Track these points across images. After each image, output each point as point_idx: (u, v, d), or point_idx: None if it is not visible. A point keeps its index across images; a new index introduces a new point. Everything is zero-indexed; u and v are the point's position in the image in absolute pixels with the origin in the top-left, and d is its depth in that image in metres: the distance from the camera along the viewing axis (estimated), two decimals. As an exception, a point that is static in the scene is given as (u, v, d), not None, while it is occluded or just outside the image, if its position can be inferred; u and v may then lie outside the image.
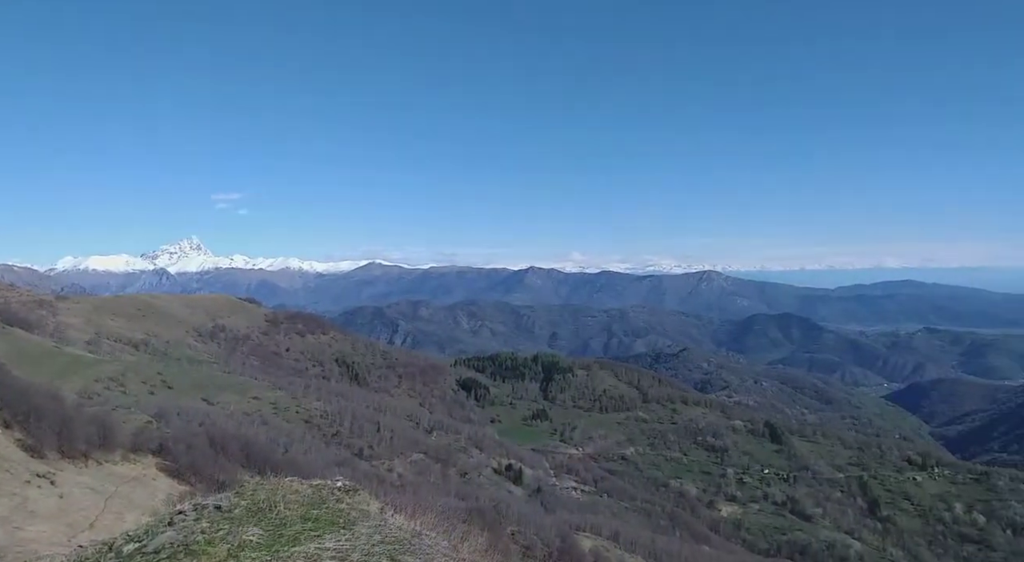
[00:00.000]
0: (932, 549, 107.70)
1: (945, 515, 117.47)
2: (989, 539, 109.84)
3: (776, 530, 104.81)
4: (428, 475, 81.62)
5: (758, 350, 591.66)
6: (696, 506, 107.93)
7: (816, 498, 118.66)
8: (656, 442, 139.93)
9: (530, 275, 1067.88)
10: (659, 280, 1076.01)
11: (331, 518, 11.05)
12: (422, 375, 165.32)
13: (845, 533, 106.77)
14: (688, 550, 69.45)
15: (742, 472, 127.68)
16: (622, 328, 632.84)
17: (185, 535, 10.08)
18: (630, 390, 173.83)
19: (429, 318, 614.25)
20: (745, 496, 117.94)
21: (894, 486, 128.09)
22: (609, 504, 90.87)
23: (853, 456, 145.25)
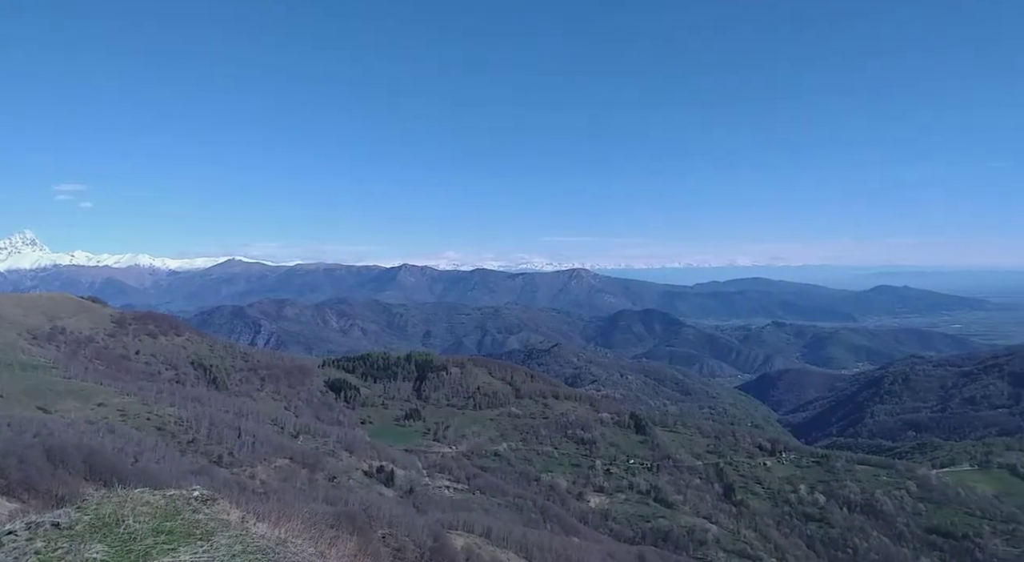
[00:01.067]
0: (780, 529, 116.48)
1: (791, 496, 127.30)
2: (829, 517, 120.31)
3: (641, 518, 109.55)
4: (294, 481, 78.76)
5: (624, 345, 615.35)
6: (566, 498, 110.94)
7: (677, 485, 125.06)
8: (528, 437, 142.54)
9: (403, 273, 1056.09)
10: (532, 278, 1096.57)
11: (187, 530, 10.29)
12: (287, 377, 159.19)
13: (703, 518, 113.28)
14: (558, 542, 71.19)
15: (609, 463, 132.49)
16: (496, 325, 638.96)
17: (16, 558, 9.11)
18: (504, 386, 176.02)
19: (295, 318, 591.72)
20: (612, 486, 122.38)
21: (747, 471, 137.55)
22: (482, 501, 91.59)
23: (710, 444, 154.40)
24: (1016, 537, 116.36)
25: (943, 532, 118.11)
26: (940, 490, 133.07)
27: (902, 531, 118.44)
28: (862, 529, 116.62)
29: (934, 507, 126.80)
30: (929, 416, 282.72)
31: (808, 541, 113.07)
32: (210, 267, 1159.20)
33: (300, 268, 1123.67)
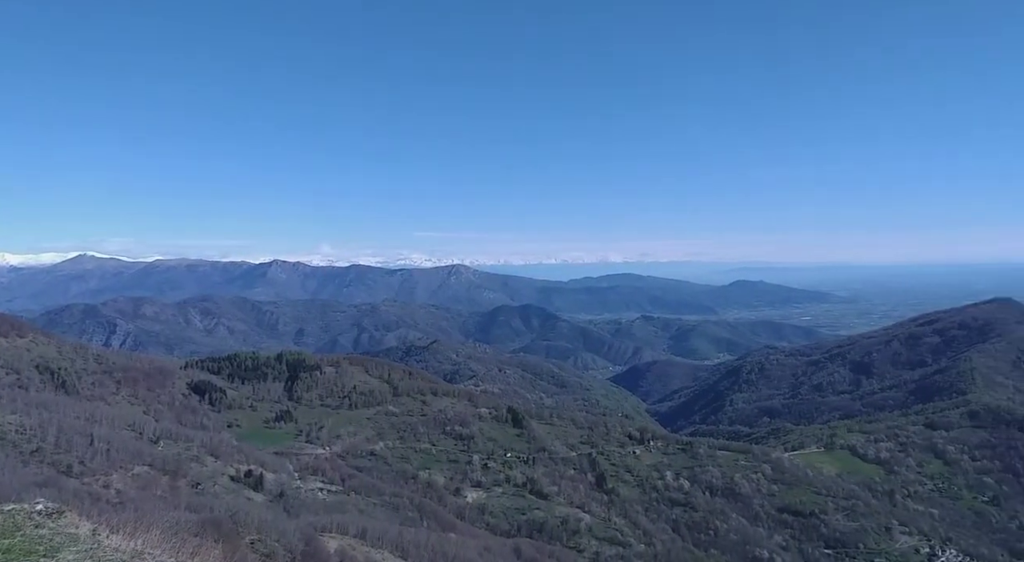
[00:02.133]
0: (648, 515, 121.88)
1: (658, 483, 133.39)
2: (693, 501, 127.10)
3: (517, 511, 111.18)
4: (153, 489, 73.75)
5: (503, 339, 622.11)
6: (443, 495, 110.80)
7: (552, 477, 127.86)
8: (406, 435, 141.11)
9: (273, 269, 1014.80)
10: (410, 274, 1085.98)
11: (28, 547, 9.27)
12: (146, 380, 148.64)
13: (577, 507, 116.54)
14: (435, 539, 70.99)
15: (487, 458, 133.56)
16: (373, 322, 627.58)
17: None
18: (381, 384, 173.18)
19: (154, 317, 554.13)
20: (489, 481, 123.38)
21: (618, 460, 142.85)
22: (357, 502, 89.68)
23: (584, 435, 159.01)
24: (855, 512, 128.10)
25: (793, 511, 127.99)
26: (791, 472, 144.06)
27: (758, 512, 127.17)
28: (722, 511, 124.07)
29: (786, 488, 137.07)
30: (782, 403, 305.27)
31: (674, 525, 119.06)
32: (58, 263, 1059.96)
33: (160, 264, 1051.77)
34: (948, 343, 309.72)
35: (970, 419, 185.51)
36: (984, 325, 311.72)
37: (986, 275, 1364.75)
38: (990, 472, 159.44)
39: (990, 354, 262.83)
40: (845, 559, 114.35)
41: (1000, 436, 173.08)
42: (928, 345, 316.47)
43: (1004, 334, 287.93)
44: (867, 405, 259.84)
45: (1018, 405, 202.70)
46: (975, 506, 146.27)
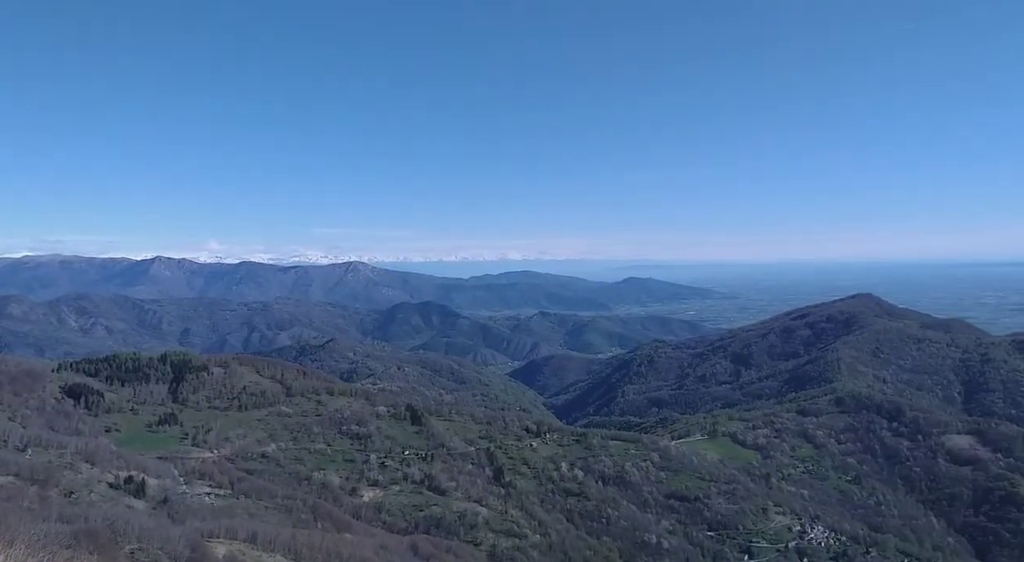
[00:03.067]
0: (544, 506, 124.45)
1: (554, 474, 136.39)
2: (586, 491, 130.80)
3: (415, 507, 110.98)
4: (20, 500, 68.70)
5: (402, 337, 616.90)
6: (339, 495, 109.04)
7: (451, 472, 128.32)
8: (300, 436, 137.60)
9: (156, 265, 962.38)
10: (305, 271, 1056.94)
11: None
12: (13, 383, 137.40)
13: (475, 502, 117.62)
14: (330, 540, 70.04)
15: (384, 456, 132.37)
16: (265, 321, 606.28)
17: None
18: (273, 385, 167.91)
19: (23, 316, 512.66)
20: (387, 479, 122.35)
21: (515, 453, 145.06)
22: (247, 505, 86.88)
23: (482, 430, 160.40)
24: (735, 495, 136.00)
25: (680, 496, 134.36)
26: (678, 459, 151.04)
27: (647, 498, 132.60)
28: (614, 499, 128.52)
29: (672, 474, 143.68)
30: (669, 393, 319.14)
31: (568, 515, 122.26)
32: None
33: (29, 260, 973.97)
34: (818, 335, 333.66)
35: (836, 405, 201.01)
36: (848, 318, 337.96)
37: (850, 272, 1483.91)
38: (853, 454, 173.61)
39: (853, 345, 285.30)
40: (726, 540, 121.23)
41: (861, 420, 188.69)
42: (800, 337, 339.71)
43: (865, 326, 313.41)
44: (746, 394, 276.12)
45: (876, 391, 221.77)
46: (840, 485, 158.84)
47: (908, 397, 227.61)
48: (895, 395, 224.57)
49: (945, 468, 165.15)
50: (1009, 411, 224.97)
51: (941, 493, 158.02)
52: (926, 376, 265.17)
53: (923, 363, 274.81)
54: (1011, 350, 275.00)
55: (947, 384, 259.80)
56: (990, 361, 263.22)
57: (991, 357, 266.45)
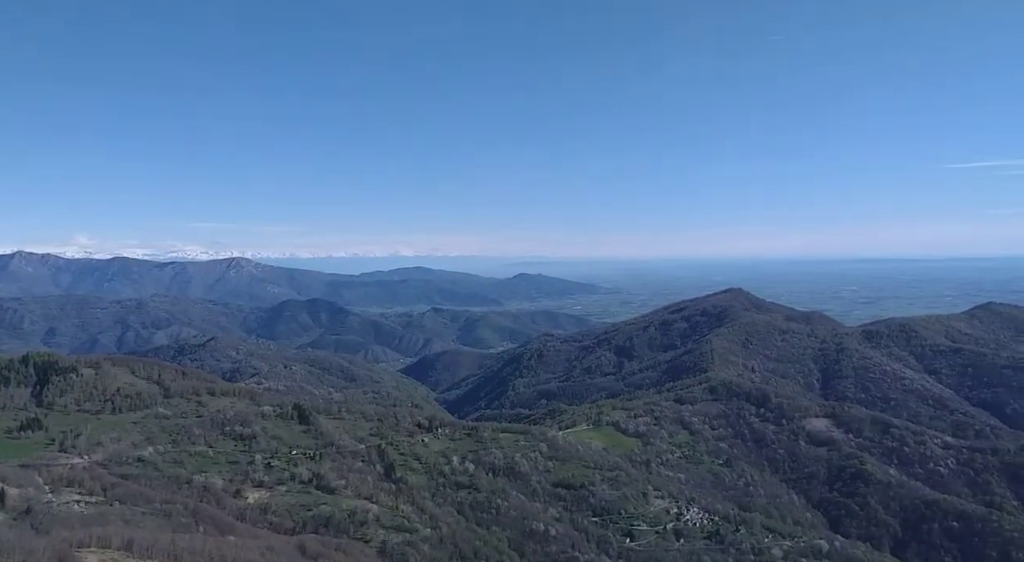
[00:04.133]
0: (435, 500, 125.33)
1: (445, 468, 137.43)
2: (477, 483, 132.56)
3: (303, 507, 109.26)
4: None
5: (289, 335, 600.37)
6: (222, 497, 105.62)
7: (340, 471, 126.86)
8: (179, 438, 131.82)
9: (17, 261, 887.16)
10: (184, 267, 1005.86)
11: None
12: None
13: (365, 499, 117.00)
14: (212, 544, 68.39)
15: (270, 457, 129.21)
16: (140, 320, 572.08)
17: None
18: (149, 386, 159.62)
19: None
20: (273, 480, 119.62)
21: (407, 449, 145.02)
22: (122, 512, 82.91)
23: (373, 427, 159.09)
24: (618, 481, 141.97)
25: (566, 484, 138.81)
26: (565, 449, 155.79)
27: (536, 488, 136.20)
28: (504, 490, 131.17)
29: (560, 464, 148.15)
30: (557, 385, 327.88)
31: (459, 507, 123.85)
32: None
33: None
34: (693, 328, 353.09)
35: (710, 394, 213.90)
36: (721, 312, 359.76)
37: (723, 268, 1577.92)
38: (725, 438, 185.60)
39: (725, 337, 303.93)
40: (609, 525, 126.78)
41: (732, 407, 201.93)
42: (678, 330, 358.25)
43: (736, 319, 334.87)
44: (629, 384, 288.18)
45: (746, 380, 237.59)
46: (713, 468, 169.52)
47: (773, 384, 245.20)
48: (762, 383, 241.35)
49: (805, 449, 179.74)
50: (860, 395, 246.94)
51: (801, 472, 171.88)
52: (789, 365, 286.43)
53: (787, 352, 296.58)
54: (862, 340, 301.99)
55: (807, 372, 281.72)
56: (844, 350, 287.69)
57: (845, 346, 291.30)
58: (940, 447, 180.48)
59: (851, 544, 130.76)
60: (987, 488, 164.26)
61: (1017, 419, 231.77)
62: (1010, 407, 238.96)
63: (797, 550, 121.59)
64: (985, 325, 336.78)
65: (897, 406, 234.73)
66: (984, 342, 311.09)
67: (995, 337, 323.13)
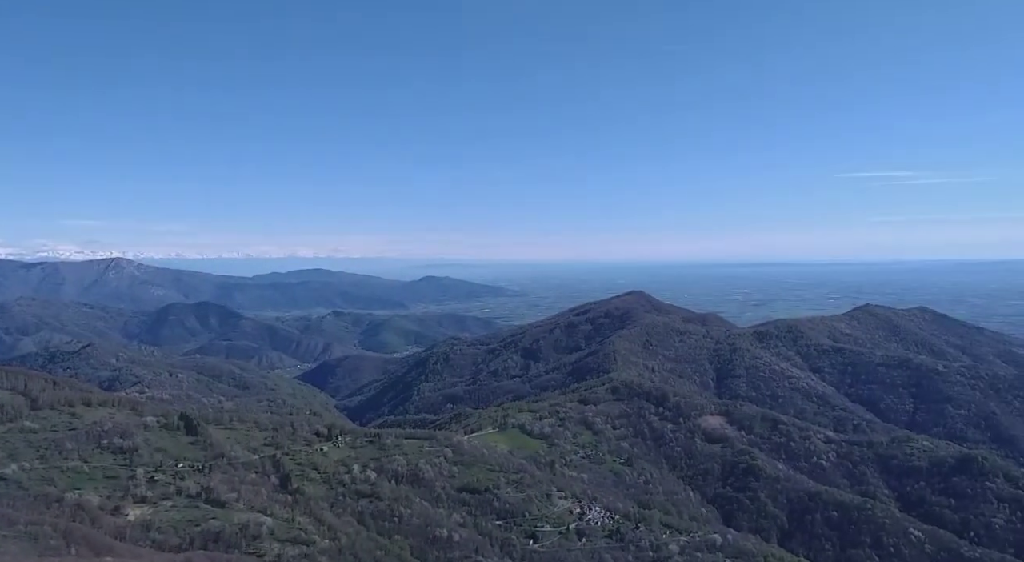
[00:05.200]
0: (334, 510, 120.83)
1: (345, 477, 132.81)
2: (379, 491, 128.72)
3: (190, 523, 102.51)
4: None
5: (175, 341, 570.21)
6: (98, 516, 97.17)
7: (231, 483, 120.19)
8: (49, 454, 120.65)
9: None
10: (55, 268, 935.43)
11: None
12: None
13: (259, 512, 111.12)
14: (86, 567, 62.53)
15: (154, 470, 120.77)
16: (3, 325, 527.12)
17: None
18: (14, 397, 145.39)
19: None
20: (157, 495, 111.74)
21: (304, 459, 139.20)
22: (-21, 537, 74.75)
23: (268, 437, 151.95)
24: (523, 484, 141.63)
25: (471, 489, 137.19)
26: (470, 453, 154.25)
27: (440, 494, 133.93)
28: (407, 497, 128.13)
29: (465, 468, 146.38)
30: (464, 389, 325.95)
31: (360, 517, 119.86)
32: None
33: None
34: (597, 330, 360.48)
35: (612, 394, 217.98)
36: (624, 314, 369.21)
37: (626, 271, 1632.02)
38: (626, 437, 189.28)
39: (627, 338, 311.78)
40: (513, 527, 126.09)
41: (633, 406, 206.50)
42: (582, 332, 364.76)
43: (637, 321, 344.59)
44: (535, 386, 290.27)
45: (646, 380, 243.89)
46: (614, 468, 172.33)
47: (672, 384, 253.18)
48: (661, 382, 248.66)
49: (701, 446, 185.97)
50: (751, 393, 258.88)
51: (697, 469, 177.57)
52: (686, 364, 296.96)
53: (684, 353, 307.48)
54: (753, 340, 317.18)
55: (703, 371, 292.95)
56: (737, 350, 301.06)
57: (738, 347, 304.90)
58: (822, 441, 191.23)
59: (742, 537, 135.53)
60: (863, 479, 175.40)
61: (890, 414, 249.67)
62: (883, 403, 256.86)
63: (693, 545, 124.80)
64: (863, 326, 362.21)
65: (784, 403, 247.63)
66: (862, 342, 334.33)
67: (871, 337, 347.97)
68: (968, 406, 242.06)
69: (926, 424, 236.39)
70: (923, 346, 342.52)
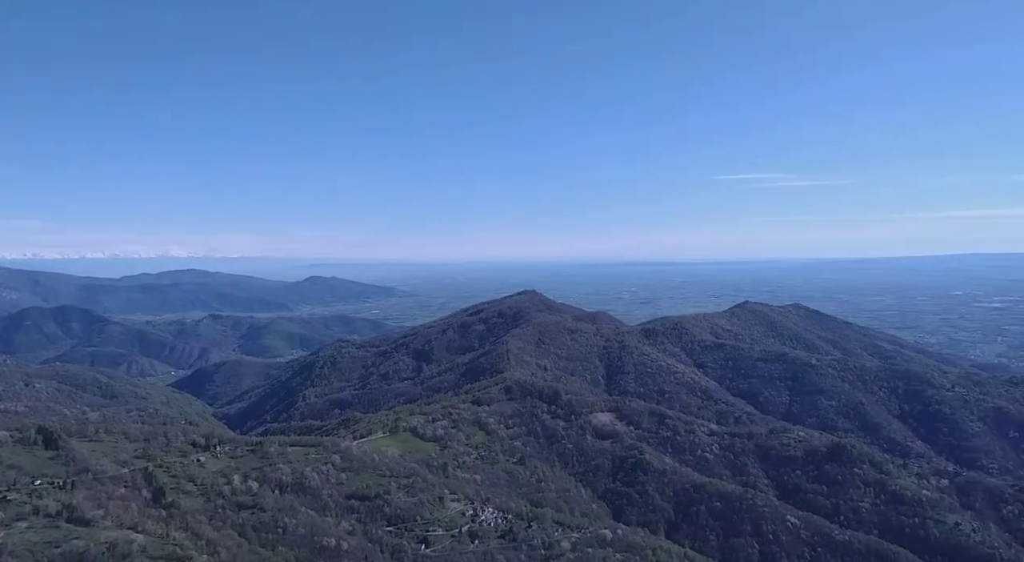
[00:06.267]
0: (213, 523, 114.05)
1: (225, 489, 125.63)
2: (261, 502, 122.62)
3: (48, 545, 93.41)
4: None
5: (32, 348, 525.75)
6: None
7: (98, 499, 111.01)
8: None
9: None
10: None
11: None
12: None
13: (128, 529, 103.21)
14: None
15: (7, 489, 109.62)
16: None
17: None
18: None
19: None
20: (10, 516, 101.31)
21: (179, 471, 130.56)
22: None
23: (139, 448, 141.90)
24: (415, 488, 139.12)
25: (360, 496, 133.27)
26: (359, 458, 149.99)
27: (327, 502, 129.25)
28: (292, 507, 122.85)
29: (354, 475, 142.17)
30: (352, 393, 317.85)
31: (241, 530, 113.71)
32: None
33: None
34: (490, 329, 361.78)
35: (505, 393, 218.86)
36: (516, 313, 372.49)
37: (517, 271, 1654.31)
38: (519, 437, 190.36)
39: (520, 337, 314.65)
40: (404, 533, 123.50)
41: (526, 406, 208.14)
42: (476, 332, 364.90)
43: (530, 320, 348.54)
44: (427, 389, 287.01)
45: (539, 379, 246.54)
46: (508, 467, 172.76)
47: (564, 382, 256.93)
48: (554, 381, 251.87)
49: (591, 443, 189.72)
50: (639, 389, 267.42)
51: (588, 465, 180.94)
52: (578, 362, 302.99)
53: (576, 351, 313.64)
54: (641, 337, 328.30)
55: (594, 368, 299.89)
56: (626, 347, 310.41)
57: (627, 344, 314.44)
58: (706, 434, 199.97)
59: (631, 531, 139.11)
60: (744, 469, 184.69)
61: (768, 406, 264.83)
62: (762, 395, 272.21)
63: (584, 541, 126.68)
64: (743, 322, 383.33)
65: (671, 398, 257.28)
66: (742, 337, 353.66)
67: (750, 333, 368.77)
68: (838, 397, 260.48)
69: (801, 415, 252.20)
70: (798, 341, 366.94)
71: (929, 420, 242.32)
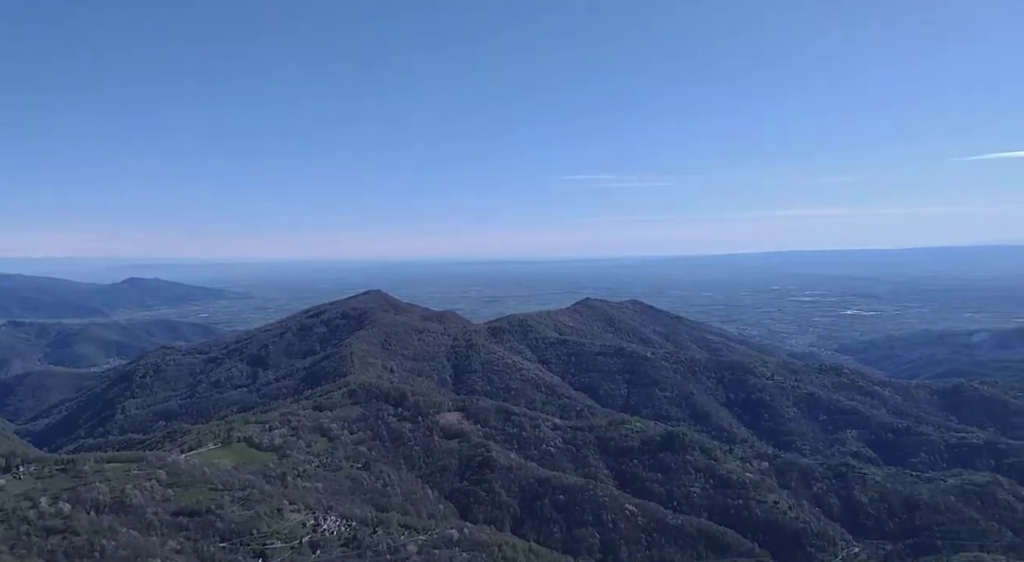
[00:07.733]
0: (15, 552, 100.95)
1: (31, 513, 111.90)
2: (75, 525, 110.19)
3: None
4: None
5: None
6: None
7: None
8: None
9: None
10: None
11: None
12: None
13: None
14: None
15: None
16: None
17: None
18: None
19: None
20: None
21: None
22: None
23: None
24: (250, 500, 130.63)
25: (189, 512, 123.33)
26: (188, 472, 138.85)
27: (152, 521, 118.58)
28: (111, 528, 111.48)
29: (182, 490, 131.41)
30: (179, 403, 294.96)
31: (50, 557, 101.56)
32: None
33: None
34: (333, 331, 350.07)
35: (350, 398, 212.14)
36: (361, 314, 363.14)
37: (359, 270, 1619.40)
38: (364, 441, 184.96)
39: (365, 339, 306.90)
40: (240, 548, 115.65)
41: (372, 409, 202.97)
42: (317, 335, 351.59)
43: (375, 321, 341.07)
44: (264, 396, 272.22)
45: (385, 381, 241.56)
46: (352, 473, 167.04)
47: (411, 383, 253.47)
48: (400, 382, 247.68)
49: (439, 443, 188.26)
50: (487, 387, 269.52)
51: (435, 466, 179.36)
52: (425, 363, 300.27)
53: (423, 351, 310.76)
54: (488, 336, 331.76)
55: (442, 368, 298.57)
56: (473, 346, 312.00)
57: (474, 343, 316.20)
58: (550, 429, 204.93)
59: (478, 529, 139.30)
60: (585, 462, 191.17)
61: (608, 399, 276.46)
62: (603, 389, 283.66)
63: (431, 543, 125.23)
64: (584, 318, 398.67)
65: (517, 394, 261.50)
66: (583, 333, 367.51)
67: (591, 328, 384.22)
68: (672, 388, 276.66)
69: (638, 406, 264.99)
70: (634, 335, 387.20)
71: (752, 407, 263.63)
